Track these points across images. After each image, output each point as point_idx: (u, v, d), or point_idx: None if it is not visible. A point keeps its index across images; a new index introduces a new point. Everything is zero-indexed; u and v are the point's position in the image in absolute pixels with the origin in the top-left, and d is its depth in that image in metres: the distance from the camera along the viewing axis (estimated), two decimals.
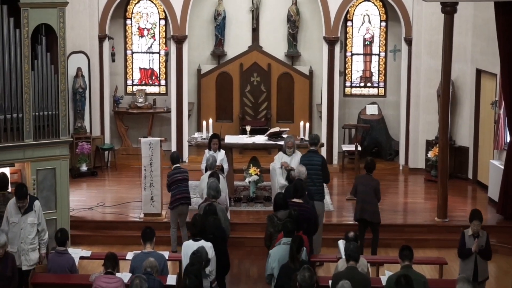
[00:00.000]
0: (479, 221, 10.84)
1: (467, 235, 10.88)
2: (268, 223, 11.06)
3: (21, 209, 11.09)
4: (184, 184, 13.54)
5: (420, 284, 9.10)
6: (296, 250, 9.53)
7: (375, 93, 19.13)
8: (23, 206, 11.08)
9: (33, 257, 11.19)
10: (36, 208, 11.22)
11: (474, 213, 10.96)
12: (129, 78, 19.11)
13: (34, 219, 11.17)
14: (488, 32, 15.58)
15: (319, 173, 12.97)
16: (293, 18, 18.66)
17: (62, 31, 12.70)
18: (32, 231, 11.16)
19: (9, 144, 12.47)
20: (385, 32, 18.90)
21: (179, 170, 13.61)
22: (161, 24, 18.97)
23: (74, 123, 17.10)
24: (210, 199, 11.61)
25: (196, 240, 10.29)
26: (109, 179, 17.15)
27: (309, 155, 13.20)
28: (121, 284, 9.51)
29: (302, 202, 11.47)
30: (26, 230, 11.10)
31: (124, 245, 13.41)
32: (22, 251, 11.10)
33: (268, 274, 9.98)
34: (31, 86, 12.49)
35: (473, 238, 10.81)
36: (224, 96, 18.74)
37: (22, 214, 11.11)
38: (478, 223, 10.81)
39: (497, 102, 15.33)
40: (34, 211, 11.18)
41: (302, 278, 8.51)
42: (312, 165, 12.88)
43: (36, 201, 11.32)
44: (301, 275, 8.55)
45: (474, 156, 16.68)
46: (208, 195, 11.74)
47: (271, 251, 10.10)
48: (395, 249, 12.20)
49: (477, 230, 10.81)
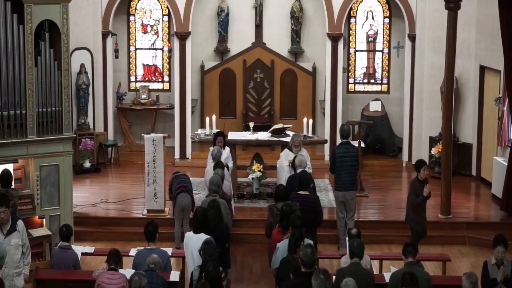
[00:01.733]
0: (504, 247, 9.72)
1: (490, 264, 9.76)
2: (268, 213, 11.40)
3: (3, 230, 10.18)
4: (183, 178, 13.47)
5: (424, 281, 9.09)
6: (294, 243, 9.66)
7: (378, 89, 19.12)
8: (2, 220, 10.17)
9: (19, 284, 10.24)
10: (19, 228, 10.32)
11: (498, 239, 9.78)
12: (133, 74, 19.10)
13: (18, 240, 10.26)
14: (492, 29, 15.56)
15: (355, 164, 13.36)
16: (296, 14, 18.64)
17: (65, 27, 12.71)
18: (17, 253, 10.23)
19: (12, 140, 12.49)
20: (388, 29, 18.87)
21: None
22: (165, 20, 18.97)
23: (78, 119, 17.10)
24: (212, 194, 11.71)
25: (197, 233, 10.34)
26: (112, 176, 17.16)
27: (344, 147, 13.44)
28: (124, 280, 9.50)
29: (308, 194, 11.67)
30: (10, 253, 9.94)
31: (127, 241, 13.42)
32: (7, 276, 10.00)
33: (275, 268, 10.06)
34: (34, 82, 12.50)
35: (497, 266, 9.66)
36: (227, 93, 18.73)
37: (5, 236, 10.16)
38: (502, 250, 9.68)
39: (501, 99, 15.30)
40: (18, 231, 10.28)
41: (304, 254, 8.72)
42: (348, 156, 13.27)
43: (19, 221, 10.43)
44: (304, 251, 8.76)
45: (477, 152, 16.66)
46: (210, 190, 11.87)
47: (279, 245, 10.21)
48: (398, 246, 12.23)
49: (501, 257, 9.67)
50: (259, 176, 15.12)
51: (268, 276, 12.02)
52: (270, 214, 11.38)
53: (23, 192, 12.65)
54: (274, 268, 10.09)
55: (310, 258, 8.69)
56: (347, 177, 13.20)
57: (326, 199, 15.29)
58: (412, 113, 17.71)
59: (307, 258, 8.69)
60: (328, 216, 14.48)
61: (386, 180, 16.81)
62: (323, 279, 8.17)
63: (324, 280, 8.16)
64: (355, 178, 13.61)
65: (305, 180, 11.80)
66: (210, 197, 11.73)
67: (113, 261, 9.63)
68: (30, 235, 12.27)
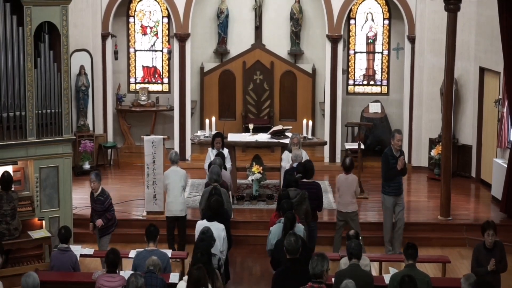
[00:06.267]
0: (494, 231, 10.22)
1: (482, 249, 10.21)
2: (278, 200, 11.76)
3: None
4: None
5: (424, 283, 9.09)
6: (289, 227, 10.30)
7: (378, 91, 19.12)
8: None
9: None
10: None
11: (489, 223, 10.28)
12: (132, 76, 19.10)
13: None
14: (491, 30, 15.56)
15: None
16: (296, 16, 18.65)
17: (65, 29, 12.70)
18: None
19: (12, 142, 12.48)
20: (388, 30, 18.88)
21: None
22: (164, 22, 18.97)
23: (77, 121, 17.10)
24: (212, 183, 12.08)
25: (210, 221, 10.81)
26: (112, 177, 17.16)
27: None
28: (123, 282, 9.48)
29: (312, 181, 12.45)
30: None
31: (126, 243, 13.40)
32: None
33: (268, 249, 10.84)
34: (34, 84, 12.49)
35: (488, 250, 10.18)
36: (227, 94, 18.73)
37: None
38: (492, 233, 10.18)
39: (501, 101, 15.30)
40: None
41: (288, 242, 9.10)
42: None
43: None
44: (288, 240, 9.16)
45: (477, 154, 16.66)
46: (210, 180, 12.20)
47: (272, 228, 10.93)
48: None
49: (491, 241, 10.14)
50: (258, 178, 15.11)
51: (268, 278, 12.00)
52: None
53: (22, 194, 12.63)
54: (268, 249, 10.84)
55: (294, 246, 9.07)
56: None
57: (326, 200, 15.25)
58: (412, 114, 17.71)
59: (291, 246, 9.08)
60: (328, 218, 14.50)
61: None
62: (316, 260, 8.45)
63: (317, 261, 8.42)
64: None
65: (310, 168, 12.44)
66: (211, 186, 12.07)
67: (112, 261, 9.59)
68: (29, 237, 12.31)
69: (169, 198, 13.17)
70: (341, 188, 13.02)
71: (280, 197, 11.45)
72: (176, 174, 13.13)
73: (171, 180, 13.11)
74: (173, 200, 13.11)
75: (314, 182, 12.51)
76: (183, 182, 13.16)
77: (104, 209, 12.07)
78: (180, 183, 13.10)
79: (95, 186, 12.04)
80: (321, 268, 8.38)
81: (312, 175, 12.50)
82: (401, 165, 11.61)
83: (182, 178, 13.14)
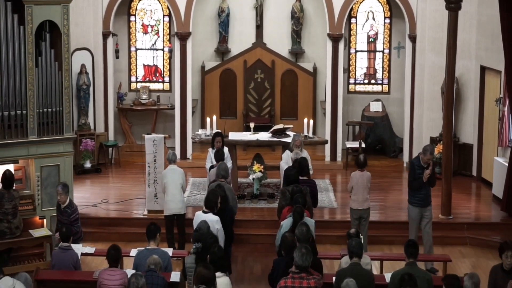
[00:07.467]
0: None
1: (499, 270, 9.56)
2: (280, 196, 11.88)
3: None
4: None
5: (425, 282, 9.09)
6: (299, 220, 10.42)
7: (379, 90, 19.12)
8: None
9: None
10: None
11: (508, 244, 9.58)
12: (133, 74, 19.11)
13: None
14: (492, 29, 15.56)
15: None
16: (297, 15, 18.65)
17: (66, 27, 12.72)
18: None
19: (13, 141, 12.51)
20: (389, 29, 18.88)
21: None
22: (165, 21, 18.97)
23: (78, 119, 17.11)
24: (219, 179, 12.14)
25: (205, 213, 10.89)
26: (113, 176, 17.16)
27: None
28: (125, 276, 9.50)
29: (307, 178, 12.43)
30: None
31: (127, 241, 13.40)
32: None
33: (277, 245, 10.68)
34: (35, 83, 12.51)
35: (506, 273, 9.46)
36: (228, 93, 18.74)
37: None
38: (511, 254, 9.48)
39: (502, 99, 15.30)
40: None
41: (300, 232, 9.46)
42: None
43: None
44: (299, 229, 9.49)
45: (478, 153, 16.66)
46: (218, 175, 12.28)
47: (283, 222, 10.85)
48: (399, 246, 12.21)
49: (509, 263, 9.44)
50: (259, 177, 15.11)
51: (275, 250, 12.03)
52: (282, 197, 11.70)
53: (23, 192, 12.66)
54: (277, 245, 10.76)
55: (305, 235, 9.41)
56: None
57: (327, 199, 15.29)
58: (413, 113, 17.71)
59: (302, 236, 9.41)
60: (328, 217, 14.50)
61: (386, 180, 16.81)
62: (305, 252, 8.67)
63: (306, 254, 8.65)
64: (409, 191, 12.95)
65: (305, 166, 12.49)
66: (217, 182, 12.07)
67: (113, 256, 9.62)
68: (30, 235, 12.32)
69: (167, 196, 13.16)
70: (357, 185, 12.86)
71: (293, 192, 11.40)
72: (173, 173, 13.13)
73: (169, 179, 13.12)
74: (171, 199, 13.11)
75: (310, 180, 12.51)
76: (181, 180, 13.15)
77: (69, 222, 11.56)
78: (178, 181, 13.10)
79: (62, 198, 11.62)
80: (309, 262, 8.64)
81: (307, 172, 12.51)
82: (425, 178, 11.28)
83: (180, 176, 13.13)
